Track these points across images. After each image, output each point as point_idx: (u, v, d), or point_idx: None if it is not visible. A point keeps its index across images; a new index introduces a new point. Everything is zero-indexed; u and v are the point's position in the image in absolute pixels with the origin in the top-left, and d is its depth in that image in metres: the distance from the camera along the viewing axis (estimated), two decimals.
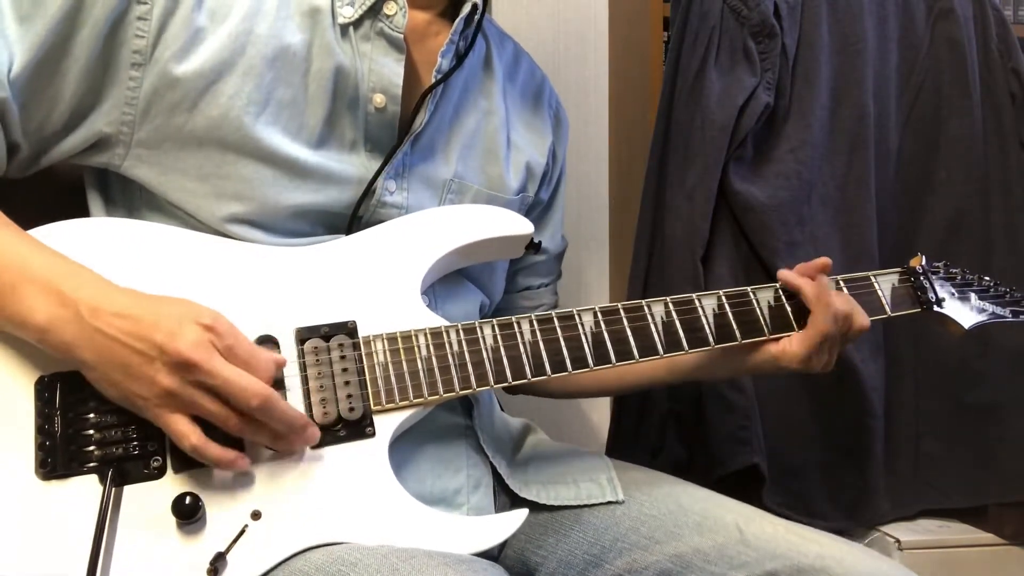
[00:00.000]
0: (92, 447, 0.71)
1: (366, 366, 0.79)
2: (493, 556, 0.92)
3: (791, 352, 0.92)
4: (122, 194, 0.85)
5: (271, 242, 0.83)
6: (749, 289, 0.94)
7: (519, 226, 0.91)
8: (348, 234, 0.87)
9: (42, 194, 0.84)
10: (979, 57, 1.42)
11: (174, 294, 0.73)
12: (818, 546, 0.84)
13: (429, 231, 0.87)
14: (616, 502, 0.92)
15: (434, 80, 0.89)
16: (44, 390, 0.72)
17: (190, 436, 0.69)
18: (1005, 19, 1.45)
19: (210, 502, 0.72)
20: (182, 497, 0.70)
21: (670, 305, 0.90)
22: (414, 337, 0.81)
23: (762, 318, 0.93)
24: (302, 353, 0.78)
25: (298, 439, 0.74)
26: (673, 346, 0.88)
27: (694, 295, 0.91)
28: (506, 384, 0.83)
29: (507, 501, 0.93)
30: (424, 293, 0.86)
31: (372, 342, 0.80)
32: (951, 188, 1.41)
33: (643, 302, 0.89)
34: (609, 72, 1.64)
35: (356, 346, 0.80)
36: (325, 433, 0.76)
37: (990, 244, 1.41)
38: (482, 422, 0.92)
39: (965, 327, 1.02)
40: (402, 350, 0.80)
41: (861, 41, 1.35)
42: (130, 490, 0.71)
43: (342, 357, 0.79)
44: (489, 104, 0.99)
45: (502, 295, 1.04)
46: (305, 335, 0.79)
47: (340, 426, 0.77)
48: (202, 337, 0.69)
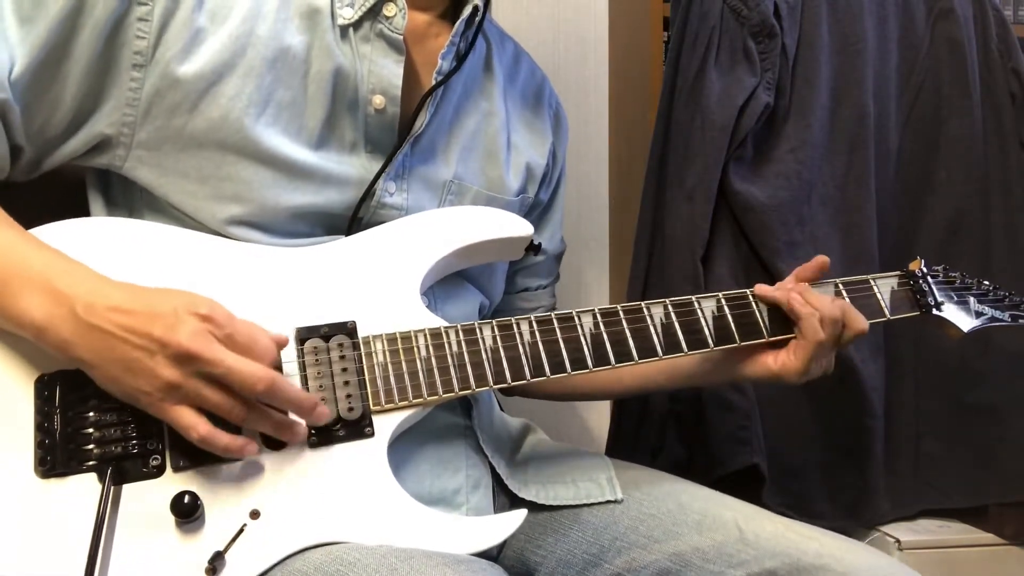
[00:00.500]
0: (91, 445, 0.71)
1: (365, 366, 0.79)
2: (492, 556, 0.92)
3: (791, 366, 0.92)
4: (123, 195, 0.85)
5: (271, 243, 0.82)
6: (748, 291, 0.94)
7: (519, 228, 0.91)
8: (348, 235, 0.86)
9: (44, 195, 0.84)
10: (979, 57, 1.42)
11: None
12: (818, 544, 0.84)
13: (429, 232, 0.87)
14: (615, 501, 0.92)
15: (435, 82, 0.89)
16: (44, 388, 0.72)
17: (198, 427, 0.69)
18: (1005, 19, 1.45)
19: (209, 501, 0.72)
20: (181, 496, 0.70)
21: (669, 307, 0.90)
22: (414, 337, 0.81)
23: (761, 320, 0.93)
24: (302, 353, 0.78)
25: (308, 420, 0.74)
26: (672, 348, 0.88)
27: (693, 297, 0.91)
28: (505, 385, 0.83)
29: (506, 501, 0.93)
30: (424, 294, 0.86)
31: (372, 342, 0.80)
32: (951, 188, 1.41)
33: (642, 304, 0.89)
34: (609, 72, 1.64)
35: (356, 346, 0.80)
36: (324, 433, 0.76)
37: (990, 244, 1.40)
38: (481, 422, 0.92)
39: (964, 331, 1.02)
40: (401, 350, 0.81)
41: (861, 41, 1.35)
42: (129, 488, 0.71)
43: (342, 357, 0.79)
44: (489, 105, 0.99)
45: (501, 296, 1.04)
46: (305, 335, 0.79)
47: (339, 426, 0.77)
48: (200, 327, 0.68)
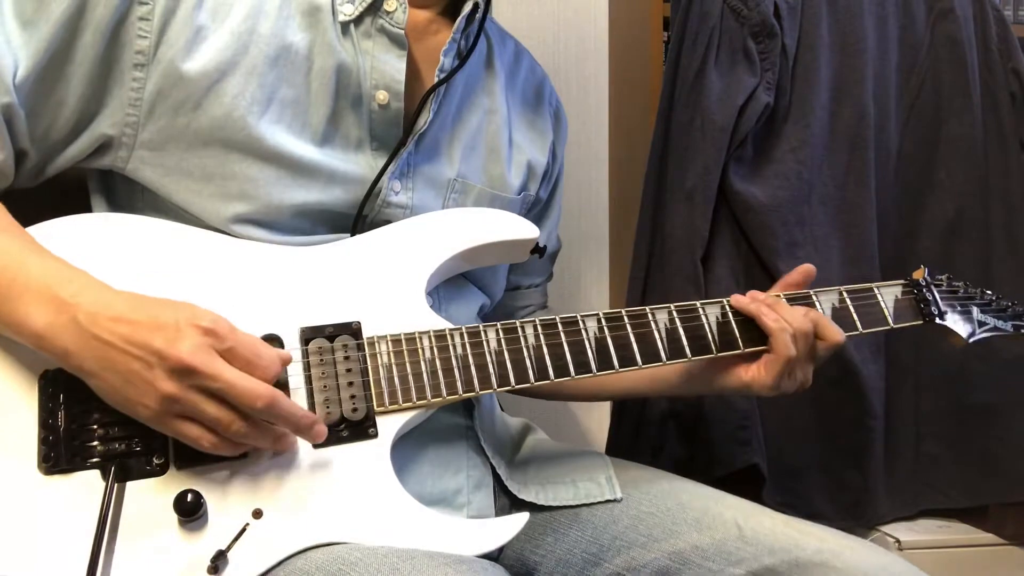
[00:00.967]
0: (95, 443, 0.71)
1: (370, 367, 0.79)
2: (493, 556, 0.91)
3: (761, 380, 0.91)
4: (126, 195, 0.85)
5: (275, 241, 0.82)
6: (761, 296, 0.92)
7: (525, 230, 0.91)
8: (353, 234, 0.86)
9: (45, 196, 0.84)
10: (979, 57, 1.42)
11: (177, 292, 0.73)
12: (817, 540, 0.84)
13: (436, 233, 0.87)
14: (615, 500, 0.92)
15: (437, 79, 0.89)
16: (48, 385, 0.72)
17: (201, 439, 0.69)
18: (1005, 19, 1.45)
19: (212, 500, 0.72)
20: (184, 495, 0.70)
21: (674, 312, 0.90)
22: (418, 339, 0.81)
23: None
24: (306, 353, 0.78)
25: (306, 438, 0.74)
26: (676, 353, 0.88)
27: (698, 303, 0.91)
28: (509, 388, 0.83)
29: (507, 502, 0.93)
30: (428, 294, 0.86)
31: (376, 343, 0.80)
32: (951, 188, 1.41)
33: (647, 308, 0.89)
34: (609, 72, 1.64)
35: (360, 347, 0.79)
36: (328, 433, 0.76)
37: (990, 244, 1.40)
38: (483, 423, 0.91)
39: (967, 340, 1.03)
40: (406, 351, 0.80)
41: (861, 41, 1.35)
42: (132, 486, 0.71)
43: (346, 357, 0.79)
44: (491, 103, 0.99)
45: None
46: (309, 335, 0.79)
47: (343, 426, 0.77)
48: (202, 341, 0.68)
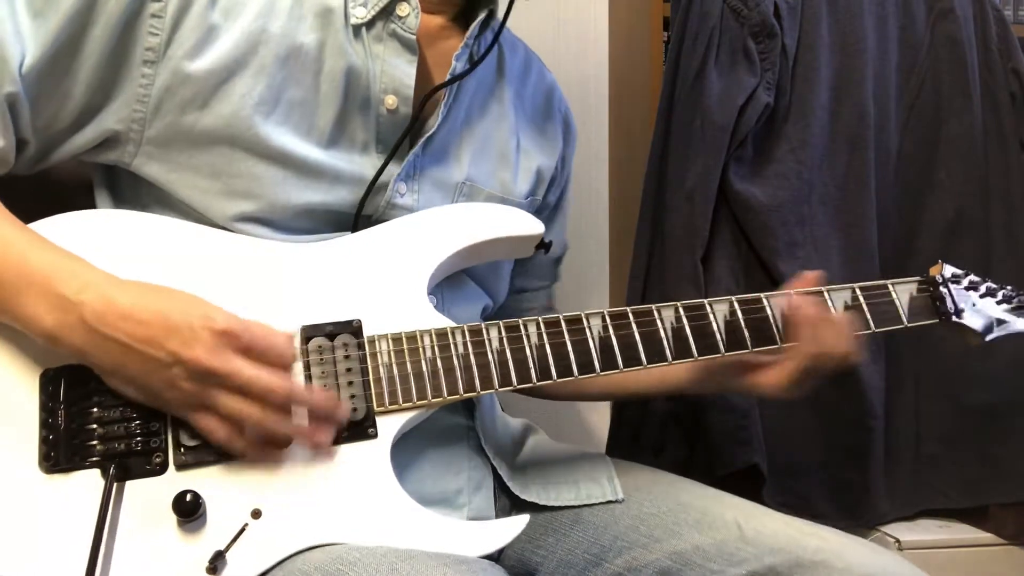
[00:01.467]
0: (95, 442, 0.71)
1: (370, 366, 0.79)
2: (494, 557, 0.91)
3: (775, 384, 0.91)
4: (131, 191, 0.85)
5: (279, 240, 0.82)
6: (763, 296, 0.91)
7: (529, 225, 0.90)
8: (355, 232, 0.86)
9: (51, 192, 0.84)
10: (979, 57, 1.42)
11: (180, 288, 0.73)
12: (818, 540, 0.83)
13: (437, 229, 0.86)
14: (616, 501, 0.92)
15: (447, 80, 0.89)
16: (49, 384, 0.72)
17: (216, 432, 0.70)
18: (1005, 19, 1.45)
19: (211, 500, 0.71)
20: (183, 495, 0.70)
21: (680, 310, 0.88)
22: (419, 338, 0.80)
23: (775, 326, 0.90)
24: (306, 351, 0.78)
25: (331, 420, 0.74)
26: (682, 353, 0.86)
27: (706, 300, 0.88)
28: (511, 388, 0.82)
29: (507, 503, 0.92)
30: (431, 294, 0.85)
31: (377, 342, 0.80)
32: (951, 188, 1.41)
33: (653, 307, 0.87)
34: (609, 72, 1.64)
35: (360, 345, 0.79)
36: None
37: (990, 244, 1.41)
38: (483, 423, 0.91)
39: (985, 339, 0.99)
40: (407, 351, 0.80)
41: (861, 41, 1.35)
42: (131, 486, 0.71)
43: (346, 356, 0.78)
44: (501, 108, 0.99)
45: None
46: (310, 333, 0.78)
47: (343, 427, 0.76)
48: (217, 342, 0.68)
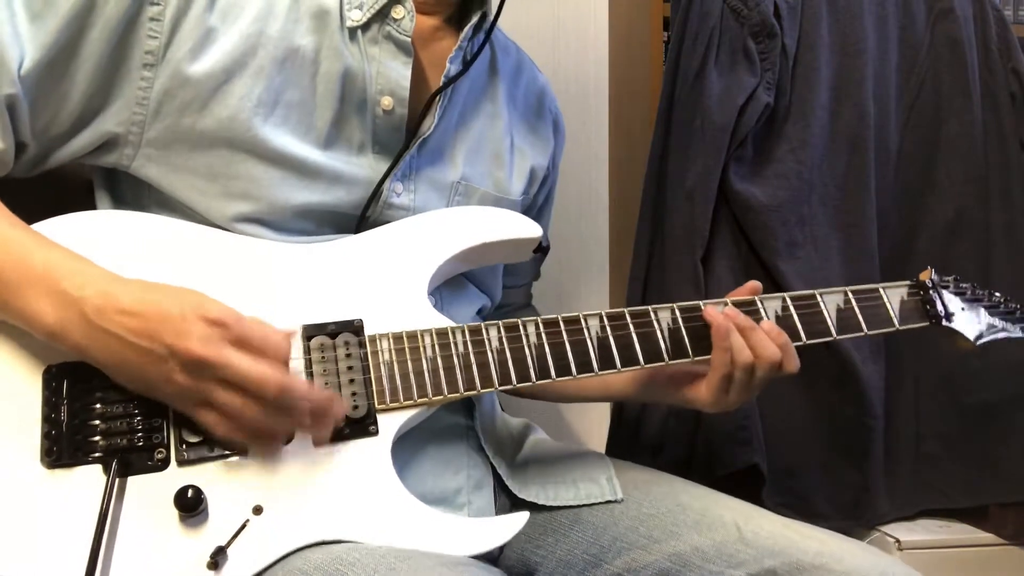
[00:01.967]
0: (97, 437, 0.72)
1: (371, 364, 0.79)
2: (493, 557, 0.91)
3: (701, 398, 0.92)
4: (131, 193, 0.85)
5: (278, 240, 0.82)
6: (757, 298, 0.92)
7: (528, 229, 0.91)
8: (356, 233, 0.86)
9: (51, 194, 0.84)
10: (979, 57, 1.42)
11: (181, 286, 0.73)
12: (817, 543, 0.83)
13: (439, 232, 0.87)
14: (615, 501, 0.92)
15: (443, 83, 0.90)
16: (51, 380, 0.73)
17: (217, 427, 0.71)
18: (1005, 19, 1.45)
19: (212, 496, 0.72)
20: (184, 490, 0.70)
21: (677, 311, 0.89)
22: (420, 337, 0.81)
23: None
24: (308, 350, 0.78)
25: (327, 417, 0.74)
26: (679, 353, 0.88)
27: (701, 303, 0.90)
28: (510, 387, 0.83)
29: (507, 502, 0.93)
30: (431, 294, 0.86)
31: (378, 341, 0.80)
32: (951, 188, 1.41)
33: (649, 308, 0.88)
34: (609, 72, 1.64)
35: (362, 344, 0.80)
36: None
37: (990, 244, 1.40)
38: (483, 422, 0.92)
39: (974, 343, 1.00)
40: (407, 349, 0.81)
41: (861, 41, 1.35)
42: (133, 481, 0.72)
43: (347, 355, 0.79)
44: (494, 108, 1.00)
45: None
46: (311, 332, 0.79)
47: (344, 424, 0.77)
48: (211, 333, 0.68)
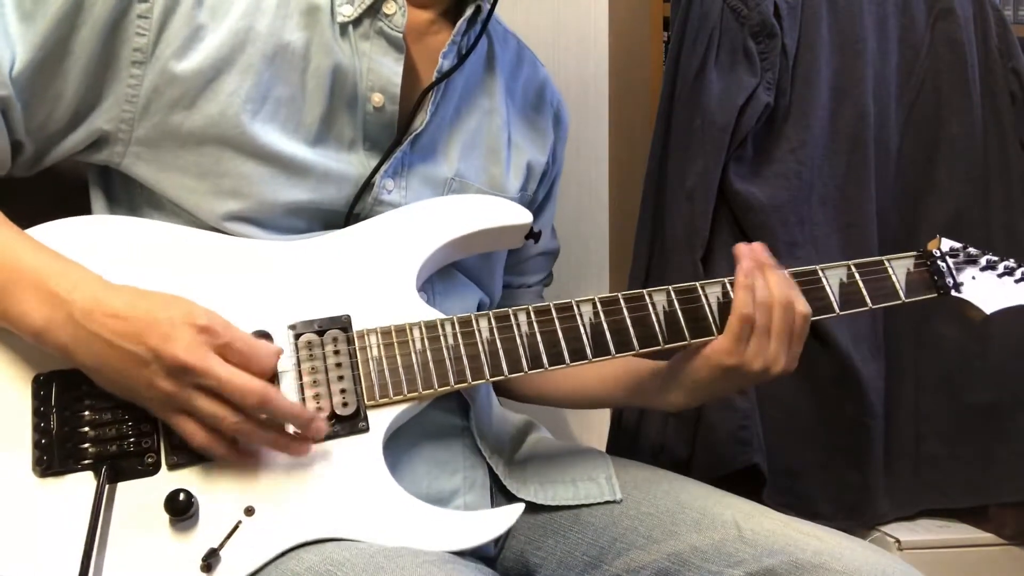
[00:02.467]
0: (87, 444, 0.72)
1: (359, 360, 0.79)
2: (492, 556, 0.91)
3: (716, 346, 0.85)
4: (124, 192, 0.85)
5: (268, 239, 0.82)
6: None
7: (517, 215, 0.89)
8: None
9: (45, 193, 0.85)
10: (979, 57, 1.42)
11: (170, 291, 0.73)
12: (817, 541, 0.82)
13: (425, 223, 0.86)
14: (614, 501, 0.91)
15: (435, 79, 0.89)
16: (40, 388, 0.73)
17: (195, 436, 0.71)
18: (1005, 19, 1.45)
19: (204, 499, 0.72)
20: (175, 494, 0.70)
21: (672, 294, 0.87)
22: (408, 330, 0.80)
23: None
24: (296, 348, 0.78)
25: (305, 434, 0.73)
26: (675, 336, 0.86)
27: (698, 284, 0.88)
28: (502, 378, 0.82)
29: (504, 502, 0.92)
30: (422, 289, 0.85)
31: (366, 336, 0.80)
32: (951, 188, 1.41)
33: (644, 291, 0.87)
34: (609, 72, 1.64)
35: (350, 340, 0.79)
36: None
37: (990, 244, 1.38)
38: (479, 422, 0.91)
39: (986, 312, 0.97)
40: (396, 344, 0.80)
41: (861, 41, 1.35)
42: (124, 487, 0.71)
43: (336, 352, 0.78)
44: (491, 103, 0.98)
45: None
46: (299, 330, 0.79)
47: (334, 422, 0.76)
48: (196, 339, 0.69)
